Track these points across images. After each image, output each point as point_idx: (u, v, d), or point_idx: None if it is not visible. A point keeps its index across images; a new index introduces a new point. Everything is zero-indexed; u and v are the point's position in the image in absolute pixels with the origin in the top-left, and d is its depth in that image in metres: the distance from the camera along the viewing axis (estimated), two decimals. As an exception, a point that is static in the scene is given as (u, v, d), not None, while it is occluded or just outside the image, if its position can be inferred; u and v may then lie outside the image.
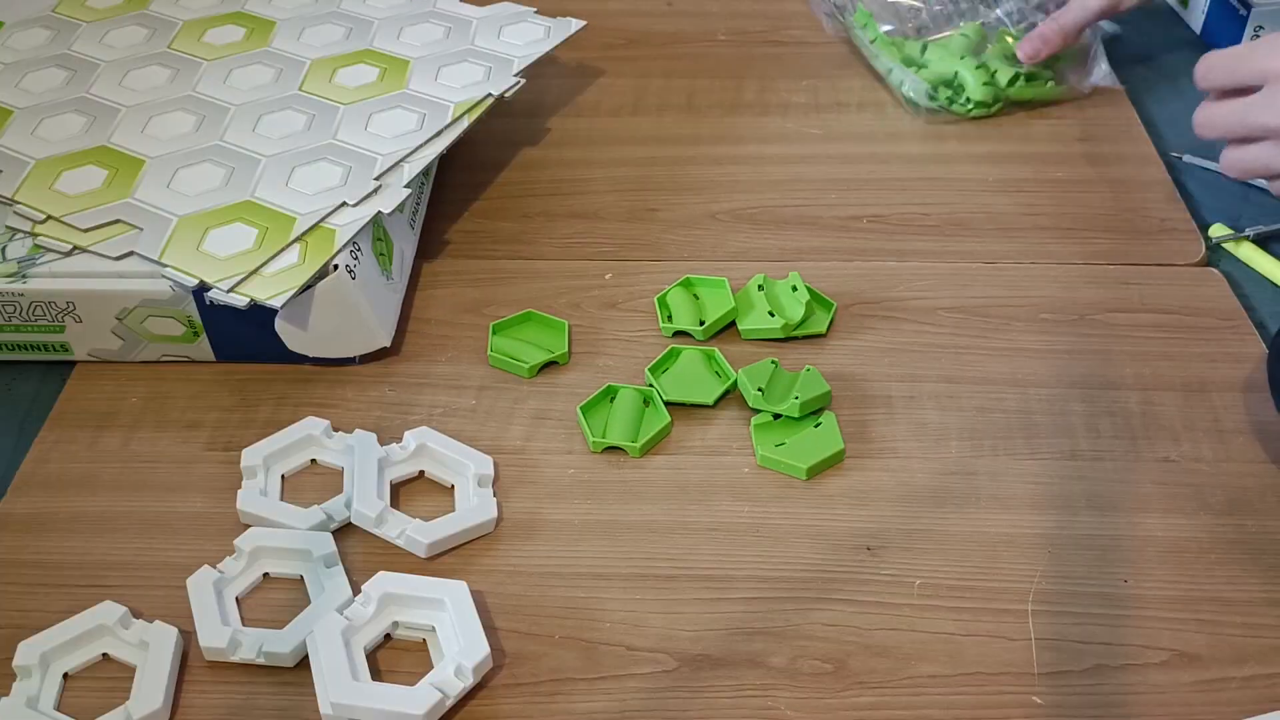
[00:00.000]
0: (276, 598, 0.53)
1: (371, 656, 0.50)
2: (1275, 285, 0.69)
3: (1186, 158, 0.73)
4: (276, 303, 0.59)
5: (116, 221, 0.63)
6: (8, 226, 0.64)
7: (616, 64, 0.88)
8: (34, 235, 0.63)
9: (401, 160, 0.67)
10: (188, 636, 0.51)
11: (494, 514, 0.56)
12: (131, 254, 0.62)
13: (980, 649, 0.51)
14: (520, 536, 0.55)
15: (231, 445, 0.59)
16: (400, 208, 0.66)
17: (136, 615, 0.51)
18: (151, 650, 0.50)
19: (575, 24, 0.80)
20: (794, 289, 0.66)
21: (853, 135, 0.81)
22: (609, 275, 0.70)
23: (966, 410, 0.61)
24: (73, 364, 0.64)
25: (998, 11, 0.86)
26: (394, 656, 0.51)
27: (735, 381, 0.62)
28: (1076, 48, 0.84)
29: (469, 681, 0.48)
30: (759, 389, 0.60)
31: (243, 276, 0.60)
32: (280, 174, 0.66)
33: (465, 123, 0.71)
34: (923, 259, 0.71)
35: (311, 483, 0.58)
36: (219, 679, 0.50)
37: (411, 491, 0.58)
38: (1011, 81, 0.82)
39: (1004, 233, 0.72)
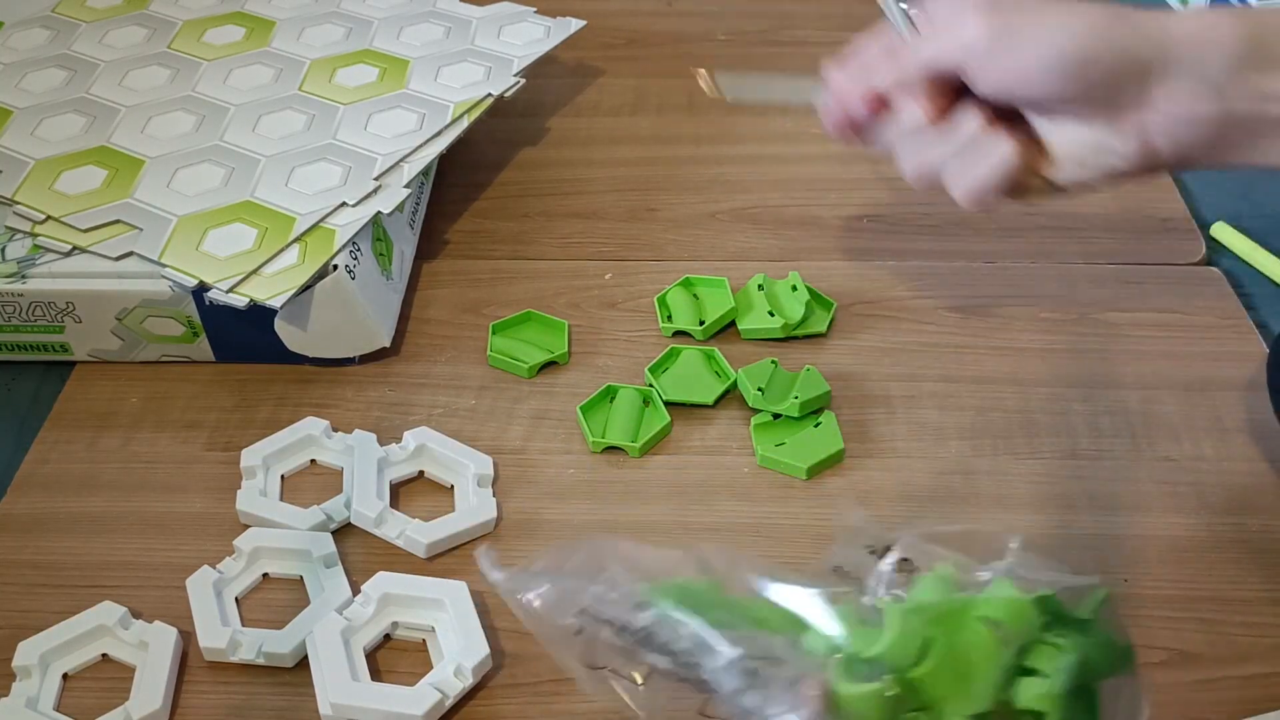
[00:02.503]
0: (276, 598, 0.53)
1: (371, 657, 0.50)
2: (1275, 284, 0.69)
3: None
4: (276, 303, 0.59)
5: (116, 222, 0.63)
6: (8, 227, 0.64)
7: (616, 64, 0.88)
8: (34, 235, 0.63)
9: (401, 160, 0.67)
10: (187, 637, 0.51)
11: (494, 514, 0.56)
12: (131, 254, 0.62)
13: (980, 649, 0.50)
14: (520, 536, 0.55)
15: (231, 445, 0.59)
16: (400, 208, 0.66)
17: (136, 616, 0.51)
18: (151, 651, 0.49)
19: (575, 24, 0.80)
20: (794, 289, 0.66)
21: (853, 135, 0.81)
22: (609, 275, 0.70)
23: (966, 410, 0.61)
24: (72, 364, 0.64)
25: None
26: (394, 657, 0.51)
27: (735, 381, 0.62)
28: None
29: (468, 682, 0.48)
30: (759, 389, 0.60)
31: (242, 277, 0.60)
32: (280, 174, 0.66)
33: (465, 123, 0.71)
34: (923, 259, 0.71)
35: (311, 483, 0.58)
36: (218, 679, 0.50)
37: (411, 491, 0.58)
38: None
39: (1004, 233, 0.72)
